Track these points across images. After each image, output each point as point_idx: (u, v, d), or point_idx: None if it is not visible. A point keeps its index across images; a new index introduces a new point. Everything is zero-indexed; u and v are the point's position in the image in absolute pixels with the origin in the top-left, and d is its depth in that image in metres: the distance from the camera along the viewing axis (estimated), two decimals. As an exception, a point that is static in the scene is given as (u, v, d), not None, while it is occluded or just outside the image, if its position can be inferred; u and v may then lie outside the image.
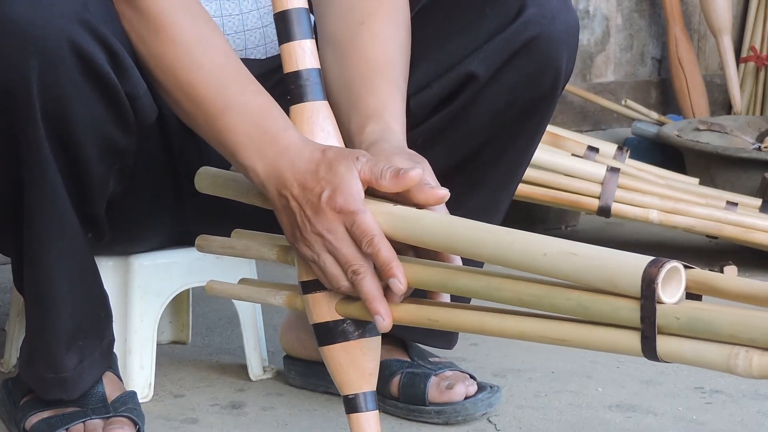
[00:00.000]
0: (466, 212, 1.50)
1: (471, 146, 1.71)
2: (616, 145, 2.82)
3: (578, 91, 3.49)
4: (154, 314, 1.87)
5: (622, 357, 2.07)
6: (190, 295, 2.13)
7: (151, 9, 1.48)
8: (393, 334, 1.77)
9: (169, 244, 1.87)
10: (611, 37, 3.64)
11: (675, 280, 1.17)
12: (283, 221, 1.43)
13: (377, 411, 1.46)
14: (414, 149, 1.50)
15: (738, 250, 2.79)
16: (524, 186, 2.55)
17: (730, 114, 3.69)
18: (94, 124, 1.51)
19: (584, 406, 1.88)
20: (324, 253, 1.39)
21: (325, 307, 1.45)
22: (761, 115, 3.68)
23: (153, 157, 1.69)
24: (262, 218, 1.56)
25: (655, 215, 2.59)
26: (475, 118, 1.68)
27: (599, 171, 2.59)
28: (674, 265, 1.17)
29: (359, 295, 1.39)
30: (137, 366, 1.85)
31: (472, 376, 1.84)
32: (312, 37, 1.47)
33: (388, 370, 1.82)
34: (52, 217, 1.54)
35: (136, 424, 1.67)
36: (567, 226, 3.06)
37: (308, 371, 1.92)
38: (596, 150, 2.68)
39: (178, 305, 2.13)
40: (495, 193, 1.76)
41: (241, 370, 1.99)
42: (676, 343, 1.17)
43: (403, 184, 1.38)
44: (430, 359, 1.87)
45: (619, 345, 1.21)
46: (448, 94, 1.67)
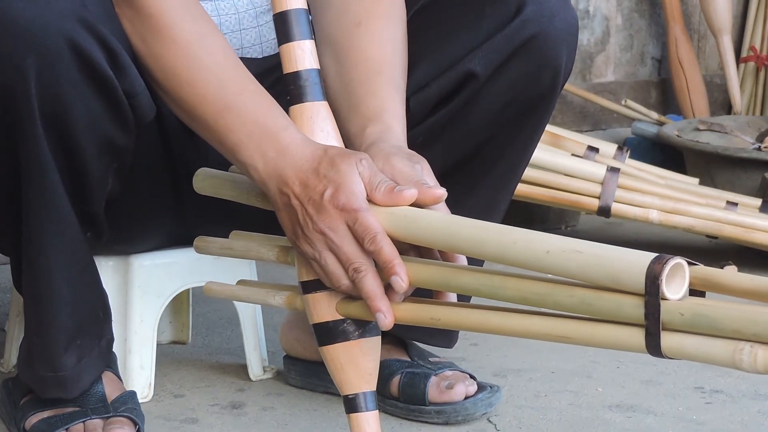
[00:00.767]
0: (466, 211, 1.50)
1: (470, 145, 1.71)
2: (616, 145, 2.82)
3: (578, 91, 3.49)
4: (154, 314, 1.87)
5: (622, 357, 2.07)
6: (190, 295, 2.13)
7: (152, 8, 1.48)
8: (393, 333, 1.78)
9: (169, 244, 1.87)
10: (611, 37, 3.64)
11: (679, 276, 1.17)
12: (284, 220, 1.43)
13: (377, 411, 1.46)
14: (413, 148, 1.50)
15: (738, 250, 2.79)
16: (524, 186, 2.55)
17: (730, 114, 3.69)
18: (93, 122, 1.51)
19: (584, 406, 1.88)
20: (325, 251, 1.39)
21: (325, 307, 1.45)
22: (761, 115, 3.68)
23: (151, 156, 1.69)
24: (262, 218, 1.56)
25: (655, 215, 2.59)
26: (475, 117, 1.68)
27: (599, 171, 2.59)
28: (678, 261, 1.17)
29: (360, 294, 1.39)
30: (137, 366, 1.85)
31: (472, 376, 1.84)
32: (312, 38, 1.47)
33: (388, 370, 1.82)
34: (51, 216, 1.54)
35: (135, 424, 1.67)
36: (567, 226, 3.06)
37: (308, 371, 1.92)
38: (596, 150, 2.68)
39: (178, 305, 2.13)
40: (494, 192, 1.76)
41: (241, 370, 1.99)
42: (680, 339, 1.17)
43: (395, 201, 1.38)
44: (430, 359, 1.87)
45: (623, 342, 1.21)
46: (447, 93, 1.68)
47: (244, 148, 1.44)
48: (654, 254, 1.18)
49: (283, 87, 1.47)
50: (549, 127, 2.59)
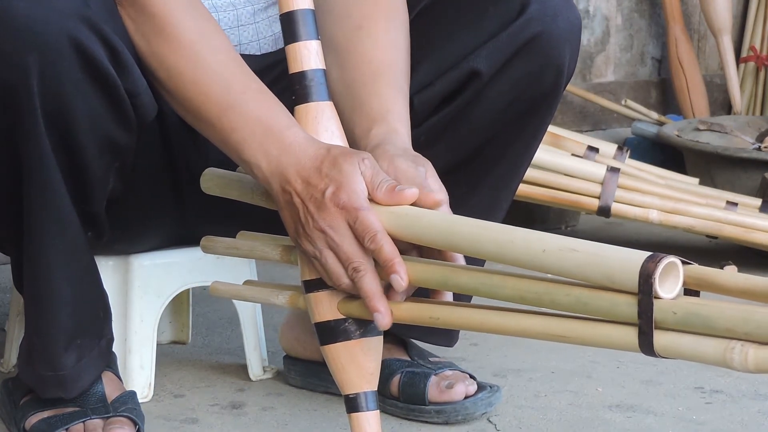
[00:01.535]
0: (468, 210, 1.50)
1: (473, 144, 1.71)
2: (616, 145, 2.82)
3: (578, 91, 3.49)
4: (154, 314, 1.87)
5: (622, 357, 2.07)
6: (190, 295, 2.13)
7: (155, 7, 1.48)
8: (393, 332, 1.78)
9: (169, 244, 1.87)
10: (611, 37, 3.63)
11: (672, 275, 1.17)
12: (286, 218, 1.43)
13: (378, 411, 1.46)
14: (416, 147, 1.50)
15: (738, 250, 2.79)
16: (524, 186, 2.55)
17: (730, 114, 3.69)
18: (94, 120, 1.51)
19: (584, 406, 1.88)
20: (326, 250, 1.40)
21: (327, 306, 1.45)
22: (761, 115, 3.68)
23: (153, 156, 1.69)
24: (263, 217, 1.56)
25: (655, 215, 2.59)
26: (478, 116, 1.68)
27: (599, 171, 2.59)
28: (672, 260, 1.17)
29: (359, 293, 1.39)
30: (137, 366, 1.85)
31: (472, 376, 1.84)
32: (318, 38, 1.47)
33: (388, 370, 1.82)
34: (52, 215, 1.54)
35: (135, 424, 1.67)
36: (567, 226, 3.06)
37: (308, 371, 1.92)
38: (596, 150, 2.68)
39: (178, 305, 2.13)
40: (496, 192, 1.76)
41: (241, 370, 1.99)
42: (673, 338, 1.17)
43: (396, 200, 1.38)
44: (430, 359, 1.87)
45: (617, 341, 1.21)
46: (450, 92, 1.68)
47: (247, 146, 1.44)
48: (648, 253, 1.18)
49: (288, 86, 1.48)
50: (549, 127, 2.58)
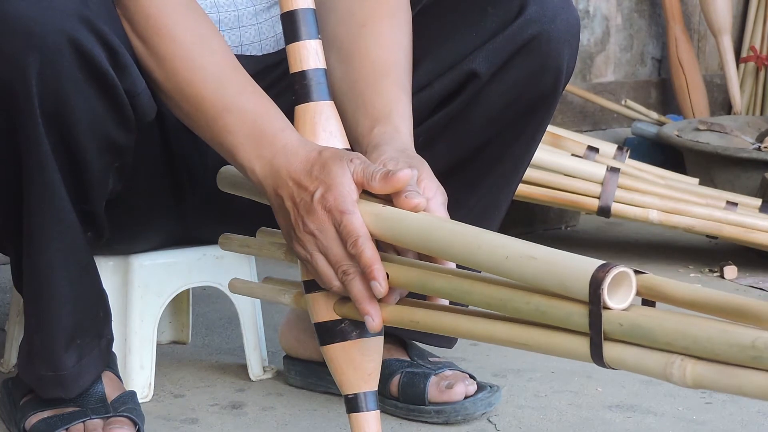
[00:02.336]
0: (467, 211, 1.50)
1: (472, 145, 1.71)
2: (616, 145, 2.82)
3: (578, 91, 3.49)
4: (154, 314, 1.87)
5: (622, 357, 2.06)
6: (190, 295, 2.13)
7: (152, 9, 1.48)
8: (393, 333, 1.78)
9: (169, 244, 1.87)
10: (611, 37, 3.63)
11: (625, 285, 1.15)
12: (280, 220, 1.44)
13: (378, 411, 1.46)
14: (415, 148, 1.50)
15: (738, 250, 2.79)
16: (524, 186, 2.55)
17: (730, 114, 3.69)
18: (94, 121, 1.51)
19: (584, 406, 1.88)
20: (316, 253, 1.40)
21: (323, 307, 1.45)
22: (761, 115, 3.68)
23: (152, 156, 1.69)
24: (262, 218, 1.56)
25: (655, 215, 2.59)
26: (476, 117, 1.68)
27: (599, 171, 2.59)
28: (622, 270, 1.14)
29: (349, 296, 1.39)
30: (137, 366, 1.85)
31: (472, 376, 1.84)
32: (318, 38, 1.47)
33: (388, 370, 1.82)
34: (51, 215, 1.54)
35: (135, 424, 1.67)
36: (567, 226, 3.06)
37: (308, 371, 1.92)
38: (596, 150, 2.68)
39: (178, 305, 2.13)
40: (496, 193, 1.76)
41: (241, 370, 1.99)
42: (620, 350, 1.15)
43: (392, 185, 1.37)
44: (429, 359, 1.87)
45: (571, 350, 1.20)
46: (449, 93, 1.68)
47: (241, 149, 1.45)
48: (601, 262, 1.16)
49: (288, 86, 1.48)
50: (549, 127, 2.59)
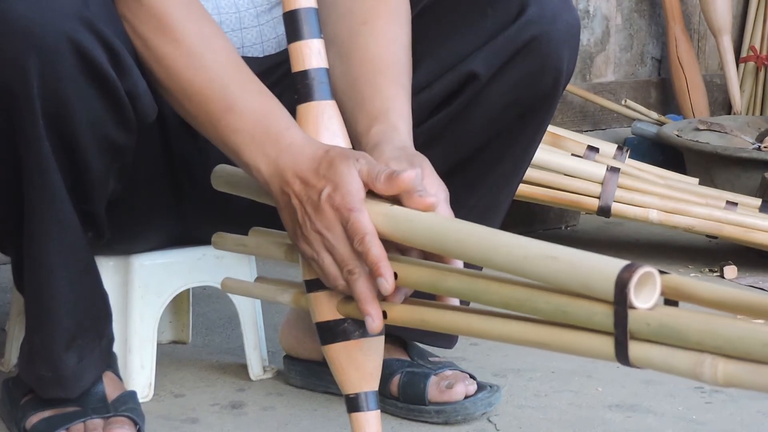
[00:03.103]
0: (467, 211, 1.50)
1: (472, 146, 1.71)
2: (616, 145, 2.82)
3: (578, 91, 3.49)
4: (154, 314, 1.87)
5: (622, 357, 2.06)
6: (190, 295, 2.13)
7: (155, 9, 1.48)
8: (393, 333, 1.78)
9: (169, 244, 1.87)
10: (611, 37, 3.64)
11: (649, 285, 1.15)
12: (285, 219, 1.43)
13: (378, 411, 1.46)
14: (415, 148, 1.50)
15: (738, 250, 2.79)
16: (524, 186, 2.55)
17: (730, 114, 3.69)
18: (94, 122, 1.51)
19: (584, 406, 1.88)
20: (323, 252, 1.40)
21: (326, 306, 1.45)
22: (761, 115, 3.68)
23: (152, 156, 1.69)
24: (264, 217, 1.56)
25: (655, 215, 2.59)
26: (476, 118, 1.68)
27: (599, 171, 2.59)
28: (648, 270, 1.15)
29: (353, 295, 1.39)
30: (137, 366, 1.85)
31: (472, 376, 1.84)
32: (320, 37, 1.47)
33: (388, 370, 1.82)
34: (52, 216, 1.54)
35: (136, 424, 1.67)
36: (567, 226, 3.06)
37: (308, 371, 1.92)
38: (596, 150, 2.68)
39: (178, 305, 2.13)
40: (496, 193, 1.76)
41: (241, 370, 1.99)
42: (647, 349, 1.15)
43: (396, 186, 1.37)
44: (429, 359, 1.87)
45: (594, 350, 1.20)
46: (449, 94, 1.68)
47: (246, 148, 1.45)
48: (626, 262, 1.16)
49: (291, 85, 1.48)
50: (549, 127, 2.59)
